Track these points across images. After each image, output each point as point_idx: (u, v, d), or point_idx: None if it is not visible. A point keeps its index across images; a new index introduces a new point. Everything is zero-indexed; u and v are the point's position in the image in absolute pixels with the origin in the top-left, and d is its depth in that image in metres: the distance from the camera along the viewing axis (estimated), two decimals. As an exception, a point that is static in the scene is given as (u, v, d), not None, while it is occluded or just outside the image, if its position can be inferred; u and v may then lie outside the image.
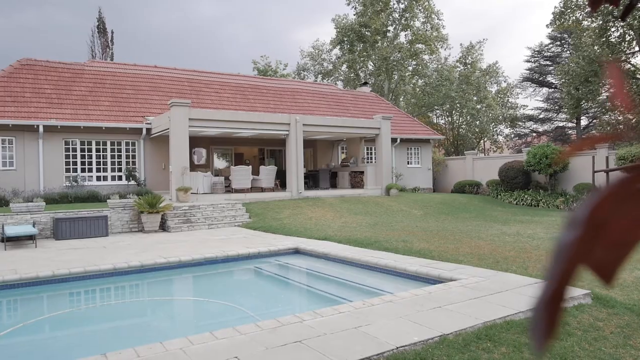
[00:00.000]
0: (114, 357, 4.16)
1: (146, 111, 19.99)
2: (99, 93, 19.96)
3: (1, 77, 18.72)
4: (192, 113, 16.82)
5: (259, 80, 27.31)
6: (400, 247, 9.89)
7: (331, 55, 45.02)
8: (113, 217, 14.04)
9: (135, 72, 22.41)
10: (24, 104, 17.79)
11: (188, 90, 22.62)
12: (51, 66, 20.23)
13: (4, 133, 16.99)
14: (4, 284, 7.66)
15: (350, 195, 20.14)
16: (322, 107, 26.02)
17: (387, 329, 4.74)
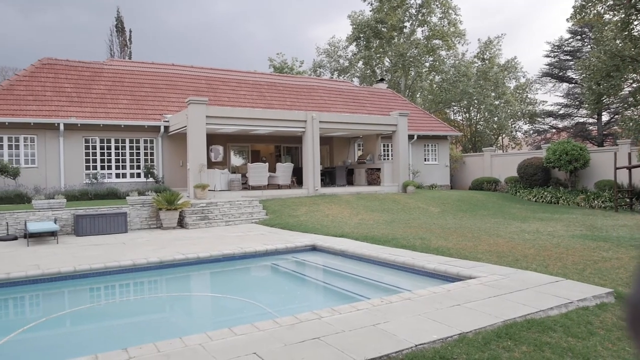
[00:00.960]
0: (135, 351, 4.20)
1: (164, 109, 20.18)
2: (118, 91, 20.21)
3: (23, 76, 19.07)
4: (209, 111, 16.92)
5: (276, 77, 27.36)
6: (418, 244, 9.83)
7: (347, 52, 44.91)
8: (132, 213, 14.21)
9: (153, 70, 22.63)
10: (45, 102, 18.09)
11: (205, 88, 22.77)
12: (71, 65, 20.53)
13: (26, 131, 17.31)
14: (27, 279, 7.81)
15: (367, 192, 20.08)
16: (339, 104, 25.97)
17: (406, 327, 4.71)
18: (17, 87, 18.28)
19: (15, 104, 17.46)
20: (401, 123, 21.62)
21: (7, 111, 16.97)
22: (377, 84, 32.13)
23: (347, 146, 25.73)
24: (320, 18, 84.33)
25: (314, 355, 4.04)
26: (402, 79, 41.59)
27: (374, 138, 23.05)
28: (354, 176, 23.33)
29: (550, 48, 38.61)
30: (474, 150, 40.25)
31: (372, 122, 21.05)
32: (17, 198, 15.47)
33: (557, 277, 6.73)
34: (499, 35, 41.43)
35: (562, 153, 19.88)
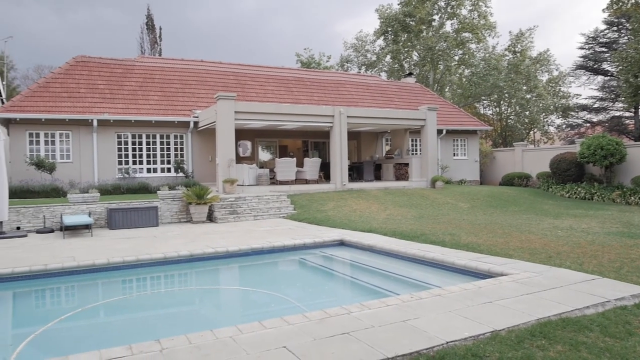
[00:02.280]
0: (167, 343, 4.27)
1: (193, 105, 20.44)
2: (149, 88, 20.56)
3: (58, 74, 19.59)
4: (237, 106, 17.06)
5: (303, 72, 27.37)
6: (447, 240, 9.72)
7: (375, 46, 44.57)
8: (163, 207, 14.47)
9: (183, 66, 22.93)
10: (79, 99, 18.55)
11: (233, 83, 22.96)
12: (104, 62, 20.99)
13: (61, 127, 17.80)
14: (63, 271, 8.05)
15: (395, 188, 19.94)
16: (366, 98, 25.83)
17: (436, 323, 4.66)
18: (52, 85, 18.80)
19: (51, 101, 17.96)
20: (430, 117, 21.35)
21: (44, 108, 17.48)
22: (405, 78, 31.83)
23: (374, 141, 25.59)
24: (348, 12, 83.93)
25: (344, 350, 4.04)
26: (431, 73, 41.06)
27: (402, 133, 22.85)
28: (382, 171, 23.20)
29: (584, 40, 37.41)
30: (504, 145, 39.50)
31: (400, 116, 20.86)
32: (53, 192, 15.94)
33: (592, 275, 6.55)
34: (531, 27, 40.41)
35: (597, 148, 19.30)
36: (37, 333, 5.64)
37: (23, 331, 6.04)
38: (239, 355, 3.98)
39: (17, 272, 7.74)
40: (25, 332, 5.80)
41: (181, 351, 4.08)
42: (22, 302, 7.58)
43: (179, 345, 4.21)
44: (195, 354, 4.02)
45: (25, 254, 9.22)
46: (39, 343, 5.41)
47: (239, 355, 3.97)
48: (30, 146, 17.46)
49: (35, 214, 13.07)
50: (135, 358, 3.94)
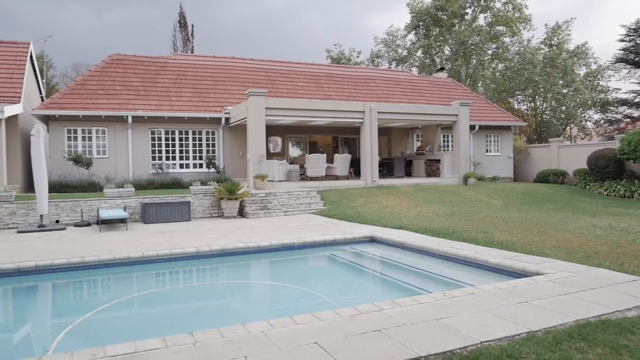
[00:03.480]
0: (200, 336, 4.32)
1: (225, 101, 20.66)
2: (181, 84, 20.89)
3: (95, 71, 20.10)
4: (268, 102, 17.15)
5: (333, 68, 27.30)
6: (480, 238, 9.54)
7: (406, 41, 44.09)
8: (195, 202, 14.70)
9: (214, 63, 23.20)
10: (114, 96, 19.00)
11: (264, 80, 23.10)
12: (138, 60, 21.43)
13: (97, 124, 18.28)
14: (100, 263, 8.27)
15: (426, 184, 19.71)
16: (397, 94, 25.59)
17: (470, 322, 4.57)
18: (89, 82, 19.31)
19: (88, 98, 18.46)
20: (462, 113, 21.00)
21: (81, 105, 17.97)
22: (436, 73, 31.39)
23: (405, 137, 25.35)
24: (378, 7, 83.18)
25: (376, 348, 4.01)
26: (463, 67, 40.35)
27: (434, 128, 22.55)
28: (413, 167, 22.96)
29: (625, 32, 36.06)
30: (539, 141, 38.54)
31: (431, 112, 20.58)
32: (90, 187, 16.40)
33: (633, 275, 6.32)
34: (568, 19, 39.22)
35: (637, 144, 18.59)
36: (76, 323, 5.81)
37: (63, 321, 6.23)
38: (270, 350, 4.00)
39: (57, 264, 7.98)
40: (65, 322, 5.98)
41: (214, 344, 4.12)
42: (61, 293, 7.82)
43: (211, 339, 4.26)
44: (227, 347, 4.06)
45: (63, 247, 9.51)
46: (78, 333, 5.57)
47: (270, 350, 3.99)
48: (68, 142, 17.99)
49: (73, 208, 13.47)
50: (169, 350, 4.01)
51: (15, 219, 12.93)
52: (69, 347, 4.99)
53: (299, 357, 3.85)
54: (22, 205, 13.06)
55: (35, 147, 12.32)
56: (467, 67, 40.34)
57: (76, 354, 3.95)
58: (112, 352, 3.98)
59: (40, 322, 6.58)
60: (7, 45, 19.51)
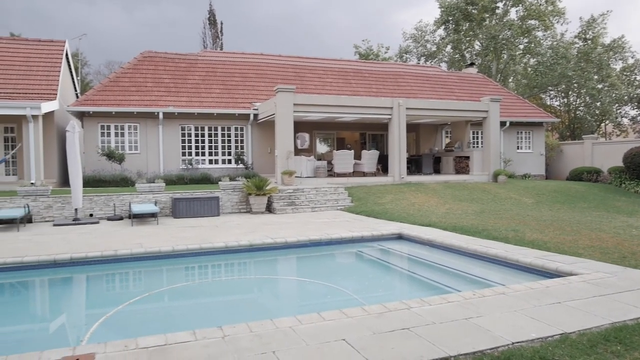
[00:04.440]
0: (229, 330, 4.37)
1: (253, 97, 20.81)
2: (211, 81, 21.13)
3: (127, 69, 20.51)
4: (296, 98, 17.19)
5: (361, 64, 27.17)
6: (511, 236, 9.37)
7: (435, 36, 43.48)
8: (224, 198, 14.87)
9: (243, 60, 23.38)
10: (146, 93, 19.36)
11: (292, 76, 23.15)
12: (169, 57, 21.76)
13: (130, 120, 18.67)
14: (131, 257, 8.45)
15: (455, 181, 19.46)
16: (426, 89, 25.30)
17: (501, 323, 4.49)
18: (122, 79, 19.72)
19: (121, 94, 18.86)
20: (493, 109, 20.61)
21: (114, 101, 18.38)
22: (466, 69, 30.89)
23: (434, 133, 25.05)
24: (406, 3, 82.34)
25: (404, 346, 3.98)
26: (494, 62, 39.57)
27: (463, 125, 22.22)
28: (441, 164, 22.68)
29: (665, 24, 34.76)
30: (572, 138, 37.56)
31: (461, 108, 20.27)
32: (123, 181, 16.78)
33: (673, 277, 6.10)
34: (604, 12, 37.99)
35: (678, 141, 17.92)
36: (109, 315, 5.96)
37: (96, 312, 6.40)
38: (298, 345, 4.02)
39: (90, 256, 8.20)
40: (98, 313, 6.14)
41: (243, 339, 4.16)
42: (94, 285, 8.03)
43: (240, 333, 4.30)
44: (256, 342, 4.09)
45: (97, 240, 9.76)
46: (110, 324, 5.71)
47: (298, 346, 4.00)
48: (101, 138, 18.43)
49: (106, 202, 13.80)
50: (199, 344, 4.07)
51: (52, 212, 13.33)
52: (102, 337, 5.12)
53: (326, 353, 3.86)
54: (58, 199, 13.45)
55: (70, 143, 12.66)
56: (497, 62, 39.55)
57: (109, 344, 4.04)
58: (144, 343, 4.06)
59: (74, 312, 6.78)
60: (44, 43, 20.09)
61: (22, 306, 7.00)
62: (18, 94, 16.80)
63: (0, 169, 17.73)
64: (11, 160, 17.66)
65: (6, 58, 18.71)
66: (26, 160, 15.90)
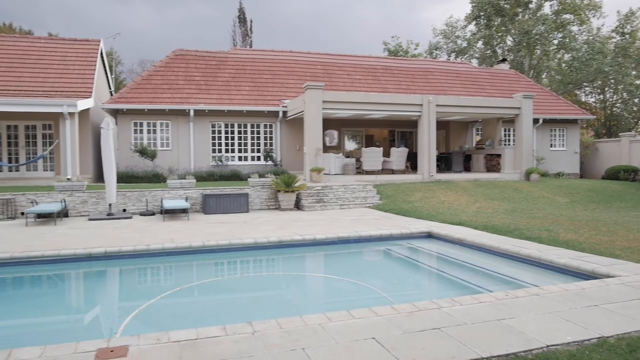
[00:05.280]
0: (259, 326, 4.40)
1: (282, 95, 20.90)
2: (241, 79, 21.32)
3: (159, 67, 20.88)
4: (325, 95, 17.18)
5: (390, 61, 26.94)
6: (544, 236, 9.15)
7: (466, 32, 42.76)
8: (253, 194, 14.99)
9: (272, 57, 23.50)
10: (177, 90, 19.67)
11: (321, 73, 23.15)
12: (200, 55, 22.05)
13: (162, 117, 19.01)
14: (163, 251, 8.61)
15: (486, 179, 19.13)
16: (456, 86, 24.93)
17: (535, 325, 4.39)
18: (154, 77, 20.09)
19: (153, 92, 19.21)
20: (525, 106, 20.16)
21: (146, 99, 18.74)
22: (498, 65, 30.29)
23: (464, 131, 24.67)
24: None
25: (435, 346, 3.93)
26: (526, 58, 38.67)
27: (494, 122, 21.80)
28: (472, 162, 22.33)
29: None
30: (608, 136, 36.40)
31: (492, 105, 19.90)
32: (154, 177, 17.11)
33: None
34: (645, 5, 36.61)
35: None
36: (141, 308, 6.08)
37: (129, 305, 6.55)
38: (328, 343, 4.01)
39: (124, 251, 8.39)
40: (131, 306, 6.28)
41: (272, 335, 4.18)
42: (127, 278, 8.22)
43: (270, 329, 4.33)
44: (285, 338, 4.11)
45: (130, 235, 9.97)
46: (143, 317, 5.82)
47: (328, 343, 4.00)
48: (134, 135, 18.83)
49: (138, 198, 14.10)
50: (229, 339, 4.11)
51: (87, 207, 13.69)
52: (135, 330, 5.24)
53: (356, 352, 3.84)
54: (92, 195, 13.80)
55: (105, 140, 12.97)
56: (530, 58, 38.63)
57: (142, 337, 4.12)
58: (176, 337, 4.13)
59: (108, 305, 6.95)
60: (80, 43, 20.62)
61: (59, 297, 7.22)
62: (55, 92, 17.31)
63: (38, 164, 18.32)
64: (49, 156, 18.23)
65: (45, 57, 19.28)
66: (63, 156, 16.38)
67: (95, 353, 3.81)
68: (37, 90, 17.26)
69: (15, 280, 7.77)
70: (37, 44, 20.07)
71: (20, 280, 7.79)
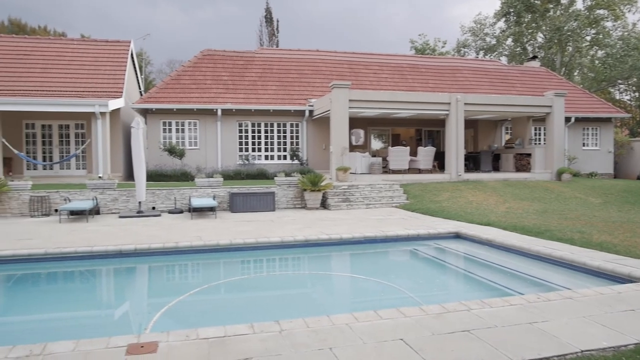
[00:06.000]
0: (286, 324, 4.41)
1: (309, 94, 20.93)
2: (267, 78, 21.44)
3: (187, 67, 21.17)
4: (351, 94, 17.12)
5: (417, 59, 26.68)
6: (577, 238, 8.91)
7: (495, 29, 42.03)
8: (279, 193, 15.06)
9: (299, 57, 23.55)
10: (205, 90, 19.91)
11: (347, 72, 23.09)
12: (227, 55, 22.27)
13: (190, 116, 19.27)
14: (191, 249, 8.72)
15: (515, 179, 18.76)
16: (485, 84, 24.53)
17: (568, 329, 4.27)
18: (182, 77, 20.38)
19: (181, 92, 19.50)
20: (557, 104, 19.69)
21: (175, 99, 19.03)
22: (528, 62, 29.67)
23: (493, 130, 24.26)
24: (465, -6, 79.98)
25: (465, 349, 3.86)
26: (558, 55, 37.78)
27: (525, 121, 21.36)
28: (501, 162, 21.93)
29: None
30: (644, 135, 35.30)
31: (522, 103, 19.50)
32: (183, 176, 17.36)
33: None
34: (684, -1, 35.36)
35: None
36: (170, 305, 6.17)
37: (158, 301, 6.65)
38: (355, 343, 3.99)
39: (153, 248, 8.53)
40: (160, 303, 6.37)
41: (299, 334, 4.18)
42: (156, 275, 8.35)
43: (297, 328, 4.33)
44: (312, 338, 4.10)
45: (159, 232, 10.14)
46: (172, 314, 5.90)
47: (355, 344, 3.98)
48: (163, 134, 19.16)
49: (167, 196, 14.32)
50: (256, 337, 4.12)
51: (117, 204, 13.98)
52: (164, 326, 5.31)
53: (384, 352, 3.81)
54: (123, 193, 14.09)
55: (135, 139, 13.21)
56: (562, 55, 37.73)
57: (172, 334, 4.18)
58: (204, 334, 4.16)
59: (138, 301, 7.08)
60: (111, 44, 21.07)
61: (90, 293, 7.38)
62: (88, 92, 17.73)
63: (71, 163, 18.80)
64: (81, 155, 18.69)
65: (78, 58, 19.77)
66: (94, 155, 16.77)
67: (126, 348, 3.87)
68: (70, 90, 17.72)
69: (49, 276, 7.98)
70: (71, 46, 20.60)
71: (54, 276, 8.00)
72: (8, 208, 13.24)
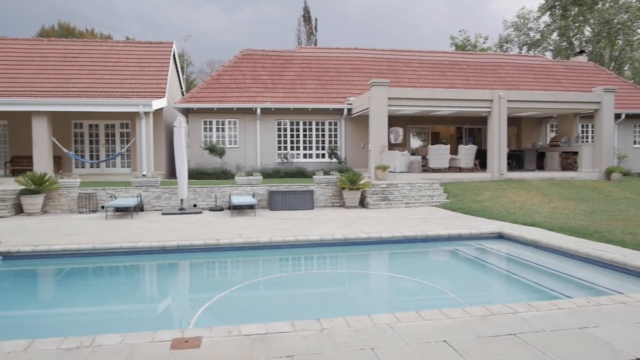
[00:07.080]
0: (327, 323, 4.39)
1: (347, 92, 20.87)
2: (306, 77, 21.51)
3: (227, 67, 21.49)
4: (390, 92, 16.96)
5: (458, 55, 26.18)
6: (628, 240, 8.52)
7: (539, 24, 40.76)
8: (317, 191, 15.08)
9: (337, 55, 23.51)
10: (245, 89, 20.16)
11: (386, 69, 22.89)
12: (266, 55, 22.47)
13: (230, 116, 19.56)
14: (232, 246, 8.84)
15: (561, 178, 18.14)
16: (529, 80, 23.82)
17: (622, 335, 4.08)
18: (223, 77, 20.71)
19: (222, 91, 19.81)
20: (606, 100, 18.90)
21: (215, 98, 19.36)
22: (575, 57, 28.60)
23: (537, 127, 23.52)
24: (508, -11, 77.90)
25: (511, 353, 3.74)
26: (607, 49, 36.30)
27: (571, 118, 20.62)
28: (545, 160, 21.25)
29: None
30: (701, 132, 33.43)
31: (568, 99, 18.81)
32: (223, 174, 17.63)
33: None
34: None
35: None
36: (213, 301, 6.26)
37: (201, 297, 6.77)
38: (397, 344, 3.93)
39: (195, 244, 8.69)
40: (203, 298, 6.48)
41: (340, 333, 4.16)
42: (198, 271, 8.51)
43: (337, 327, 4.30)
44: (354, 337, 4.07)
45: (200, 229, 10.33)
46: (214, 310, 5.99)
47: (397, 344, 3.92)
48: (204, 133, 19.52)
49: (208, 194, 14.58)
50: (298, 335, 4.12)
51: (160, 202, 14.34)
52: (207, 322, 5.40)
53: (427, 354, 3.74)
54: (165, 190, 14.44)
55: (177, 137, 13.50)
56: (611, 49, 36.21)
57: (214, 329, 4.23)
58: (246, 331, 4.20)
59: (181, 297, 7.22)
60: (154, 45, 21.63)
61: (135, 287, 7.59)
62: (132, 92, 18.26)
63: (116, 161, 19.43)
64: (126, 153, 19.28)
65: (122, 60, 20.39)
66: (138, 153, 17.27)
67: (171, 343, 3.95)
68: (116, 91, 18.29)
69: (96, 270, 8.26)
70: (116, 48, 21.26)
71: (100, 270, 8.27)
72: (58, 204, 13.80)
